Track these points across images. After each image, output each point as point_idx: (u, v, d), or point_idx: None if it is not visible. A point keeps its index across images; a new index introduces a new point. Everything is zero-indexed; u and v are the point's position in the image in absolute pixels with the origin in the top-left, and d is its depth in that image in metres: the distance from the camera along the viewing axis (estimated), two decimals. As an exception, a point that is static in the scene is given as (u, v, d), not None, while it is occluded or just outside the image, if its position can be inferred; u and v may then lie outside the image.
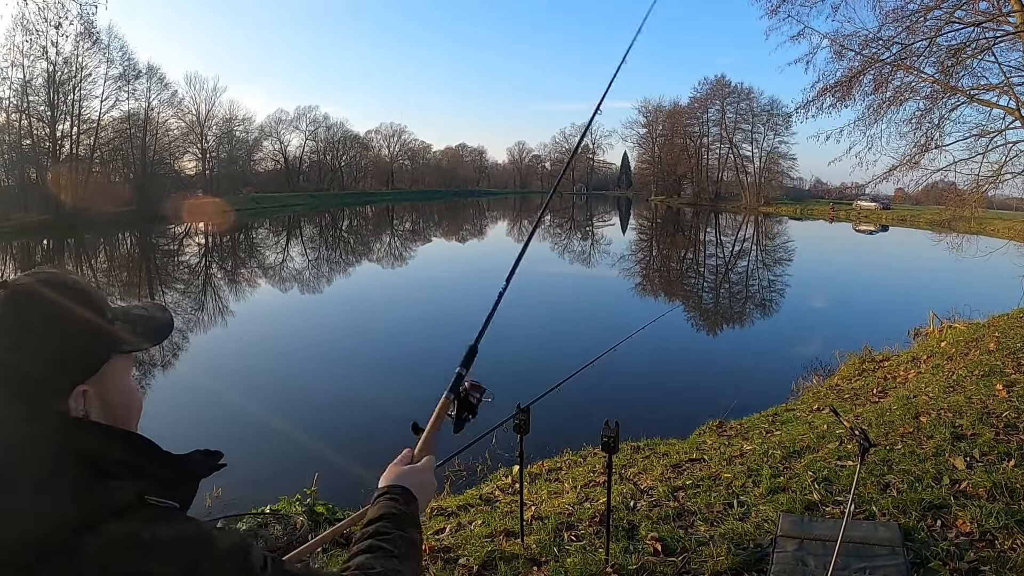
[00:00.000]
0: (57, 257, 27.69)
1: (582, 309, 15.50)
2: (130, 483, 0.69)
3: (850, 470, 3.90)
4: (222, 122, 62.97)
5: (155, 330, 0.87)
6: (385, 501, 1.05)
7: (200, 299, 17.40)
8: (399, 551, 0.94)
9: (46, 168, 38.68)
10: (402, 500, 1.06)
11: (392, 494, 1.07)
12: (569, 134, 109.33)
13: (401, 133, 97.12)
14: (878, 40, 11.14)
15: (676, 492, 3.91)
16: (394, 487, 1.08)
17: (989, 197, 13.53)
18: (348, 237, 39.63)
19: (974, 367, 6.48)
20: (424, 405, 4.73)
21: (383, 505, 1.04)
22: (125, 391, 0.81)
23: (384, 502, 1.05)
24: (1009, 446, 4.12)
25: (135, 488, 0.69)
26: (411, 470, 1.14)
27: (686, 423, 6.21)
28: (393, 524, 0.99)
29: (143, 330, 0.85)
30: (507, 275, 1.49)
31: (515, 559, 3.16)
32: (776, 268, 24.61)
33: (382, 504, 1.04)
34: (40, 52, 37.72)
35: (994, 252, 14.75)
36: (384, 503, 1.05)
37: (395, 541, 0.96)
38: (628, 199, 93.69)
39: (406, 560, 0.94)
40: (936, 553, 2.93)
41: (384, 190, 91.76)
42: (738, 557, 3.04)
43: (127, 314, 0.84)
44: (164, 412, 8.03)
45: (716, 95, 71.27)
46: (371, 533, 0.97)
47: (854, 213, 51.06)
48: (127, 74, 44.04)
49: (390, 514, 1.01)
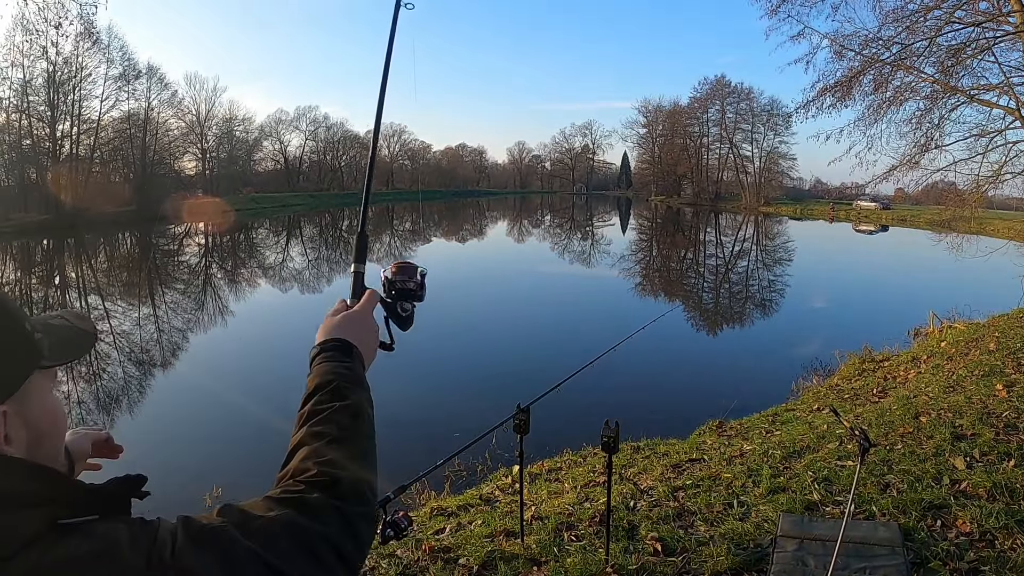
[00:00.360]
0: (57, 257, 27.69)
1: (582, 309, 15.50)
2: (41, 510, 0.63)
3: (850, 470, 3.90)
4: (222, 122, 63.04)
5: (78, 342, 0.79)
6: (319, 365, 0.91)
7: (200, 299, 17.39)
8: (340, 432, 0.81)
9: (46, 168, 38.67)
10: (339, 356, 0.92)
11: (326, 352, 0.92)
12: (569, 134, 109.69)
13: (401, 133, 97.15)
14: (878, 40, 11.15)
15: (676, 492, 3.91)
16: (327, 343, 0.94)
17: (989, 197, 13.52)
18: (348, 237, 39.63)
19: (974, 367, 6.48)
20: (424, 405, 4.82)
21: (316, 371, 0.89)
22: (49, 410, 0.74)
23: (318, 366, 0.90)
24: (1009, 446, 4.12)
25: (46, 515, 0.63)
26: (346, 317, 1.00)
27: (686, 423, 6.21)
28: (332, 395, 0.85)
29: (65, 343, 0.76)
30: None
31: (515, 559, 3.16)
32: (776, 268, 24.61)
33: (315, 370, 0.90)
34: (40, 52, 37.77)
35: (994, 252, 14.75)
36: (318, 367, 0.90)
37: (334, 420, 0.82)
38: (628, 199, 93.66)
39: (352, 441, 0.81)
40: (936, 553, 2.93)
41: (384, 190, 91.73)
42: (738, 557, 3.04)
43: (47, 326, 0.76)
44: (165, 412, 8.05)
45: (716, 95, 71.33)
46: (305, 417, 0.84)
47: (854, 213, 51.07)
48: (127, 74, 44.13)
49: (325, 383, 0.87)
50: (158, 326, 13.69)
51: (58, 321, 0.79)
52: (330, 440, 0.79)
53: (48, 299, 17.17)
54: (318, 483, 0.74)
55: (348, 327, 0.98)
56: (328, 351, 0.92)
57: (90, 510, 0.66)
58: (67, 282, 20.42)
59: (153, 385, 9.44)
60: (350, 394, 0.86)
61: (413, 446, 6.33)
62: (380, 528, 2.04)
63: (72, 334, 0.79)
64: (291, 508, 0.71)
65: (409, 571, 3.18)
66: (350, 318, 1.00)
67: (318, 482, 0.74)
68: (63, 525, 0.63)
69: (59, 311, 0.82)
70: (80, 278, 21.37)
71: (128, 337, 12.47)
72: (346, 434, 0.81)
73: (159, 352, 11.52)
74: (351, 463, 0.78)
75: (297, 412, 0.86)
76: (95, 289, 19.04)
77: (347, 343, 0.94)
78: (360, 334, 0.98)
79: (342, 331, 0.97)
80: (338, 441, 0.80)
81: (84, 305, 16.16)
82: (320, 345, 0.94)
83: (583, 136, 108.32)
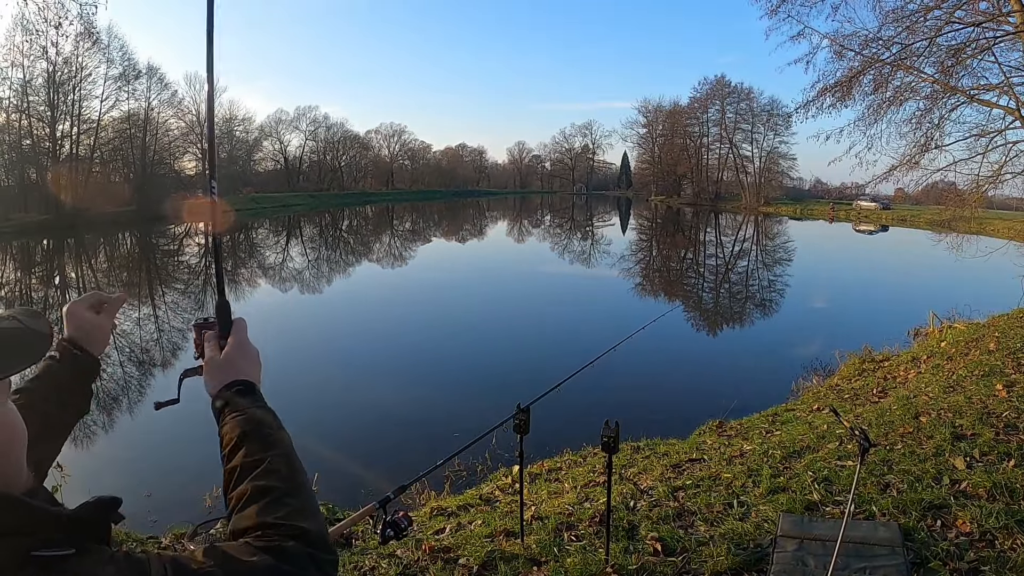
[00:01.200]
0: (57, 257, 27.70)
1: (582, 309, 15.50)
2: (10, 541, 0.61)
3: (850, 470, 3.90)
4: (222, 122, 62.96)
5: (28, 346, 0.72)
6: (232, 415, 0.87)
7: (200, 299, 17.39)
8: (286, 483, 0.79)
9: (46, 168, 38.69)
10: (249, 402, 0.89)
11: (234, 399, 0.89)
12: (569, 134, 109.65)
13: (401, 133, 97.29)
14: (878, 40, 11.15)
15: (676, 492, 3.91)
16: (231, 387, 0.90)
17: (989, 197, 13.52)
18: (348, 237, 39.65)
19: (974, 367, 6.48)
20: (424, 405, 4.82)
21: (233, 421, 0.86)
22: (6, 419, 0.70)
23: (232, 416, 0.86)
24: (1009, 446, 4.12)
25: (17, 546, 0.60)
26: (231, 356, 0.95)
27: (686, 423, 6.22)
28: (262, 444, 0.83)
29: (12, 349, 0.70)
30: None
31: (515, 559, 3.16)
32: (776, 268, 24.61)
33: (230, 420, 0.86)
34: (40, 52, 37.79)
35: (994, 252, 14.75)
36: (233, 418, 0.86)
37: (276, 471, 0.80)
38: (628, 199, 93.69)
39: (298, 490, 0.80)
40: (936, 553, 2.93)
41: (384, 190, 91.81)
42: (738, 557, 3.04)
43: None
44: (164, 412, 8.03)
45: (716, 95, 71.35)
46: (243, 471, 0.80)
47: (854, 213, 51.08)
48: (127, 74, 44.13)
49: (250, 431, 0.84)
50: (158, 326, 13.70)
51: (8, 323, 0.72)
52: (281, 493, 0.78)
53: (48, 299, 17.18)
54: (288, 535, 0.74)
55: (239, 365, 0.94)
56: (235, 398, 0.89)
57: (65, 541, 0.63)
58: (67, 282, 20.42)
59: (153, 385, 9.45)
60: (277, 439, 0.85)
61: (413, 446, 6.34)
62: (380, 528, 2.04)
63: (22, 337, 0.72)
64: (271, 555, 0.71)
65: (409, 571, 3.18)
66: (235, 355, 0.95)
67: (288, 534, 0.74)
68: (37, 558, 0.60)
69: (12, 311, 0.76)
70: (80, 278, 21.38)
71: (128, 337, 12.47)
72: (291, 484, 0.80)
73: (159, 352, 11.52)
74: (308, 514, 0.78)
75: (224, 464, 0.83)
76: (95, 289, 19.02)
77: (249, 383, 0.92)
78: (252, 368, 0.95)
79: (237, 371, 0.93)
80: (288, 493, 0.78)
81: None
82: (223, 392, 0.90)
83: (583, 136, 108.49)
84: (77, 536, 0.65)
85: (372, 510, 2.12)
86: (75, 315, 1.04)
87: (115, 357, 10.94)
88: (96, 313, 1.06)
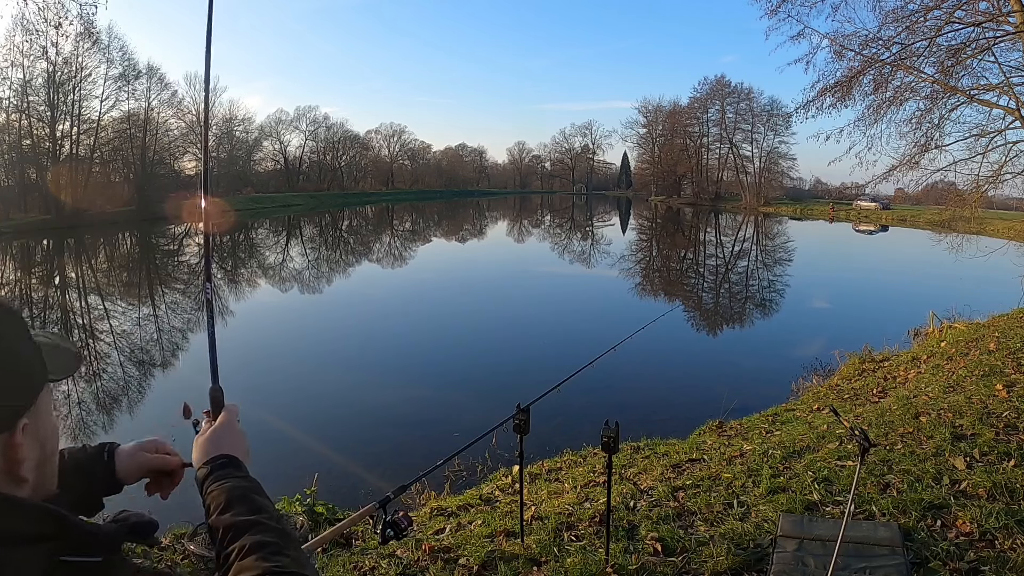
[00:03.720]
0: (57, 257, 27.69)
1: (582, 309, 15.50)
2: (40, 547, 0.64)
3: (850, 470, 3.90)
4: (222, 122, 63.07)
5: (69, 360, 0.80)
6: (218, 482, 0.89)
7: (200, 299, 17.39)
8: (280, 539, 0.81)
9: (46, 168, 38.66)
10: (233, 472, 0.91)
11: (219, 471, 0.91)
12: (569, 134, 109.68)
13: (401, 133, 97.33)
14: (878, 40, 11.17)
15: (676, 492, 3.91)
16: (216, 460, 0.93)
17: (989, 197, 13.53)
18: (348, 237, 39.65)
19: (974, 367, 6.48)
20: (424, 405, 4.82)
21: (218, 488, 0.88)
22: (53, 427, 0.75)
23: (218, 483, 0.89)
24: (1009, 446, 4.12)
25: (45, 552, 0.64)
26: (216, 434, 0.98)
27: (686, 423, 6.21)
28: (249, 507, 0.85)
29: (59, 359, 0.77)
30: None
31: (515, 559, 3.16)
32: (776, 268, 24.61)
33: (216, 488, 0.88)
34: (40, 52, 37.77)
35: (994, 252, 14.76)
36: (219, 485, 0.88)
37: (269, 529, 0.82)
38: (628, 199, 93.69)
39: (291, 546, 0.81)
40: (936, 553, 2.93)
41: (384, 190, 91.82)
42: (738, 557, 3.04)
43: (38, 341, 0.75)
44: (164, 412, 8.04)
45: (716, 95, 71.39)
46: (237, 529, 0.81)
47: (854, 213, 51.09)
48: (127, 74, 44.14)
49: (237, 496, 0.86)
50: (158, 326, 13.70)
51: (44, 339, 0.77)
52: (280, 547, 0.80)
53: (48, 299, 17.18)
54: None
55: (224, 442, 0.97)
56: (221, 468, 0.91)
57: (94, 550, 0.68)
58: (67, 282, 20.43)
59: (153, 385, 9.44)
60: (264, 504, 0.87)
61: (413, 446, 6.34)
62: (380, 528, 2.04)
63: (62, 352, 0.78)
64: None
65: (409, 571, 3.18)
66: (221, 433, 0.98)
67: None
68: (65, 563, 0.65)
69: (37, 331, 0.78)
70: (80, 278, 21.38)
71: (128, 337, 12.48)
72: (286, 541, 0.82)
73: (159, 352, 11.52)
74: (307, 567, 0.80)
75: (212, 527, 0.84)
76: (95, 289, 19.04)
77: (234, 458, 0.94)
78: (237, 446, 0.97)
79: (222, 446, 0.96)
80: (286, 547, 0.80)
81: (84, 305, 16.17)
82: (208, 464, 0.92)
83: (583, 136, 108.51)
84: (105, 546, 0.70)
85: (372, 510, 2.12)
86: (140, 465, 1.06)
87: (115, 357, 10.95)
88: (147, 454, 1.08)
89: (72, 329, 13.16)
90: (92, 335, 12.76)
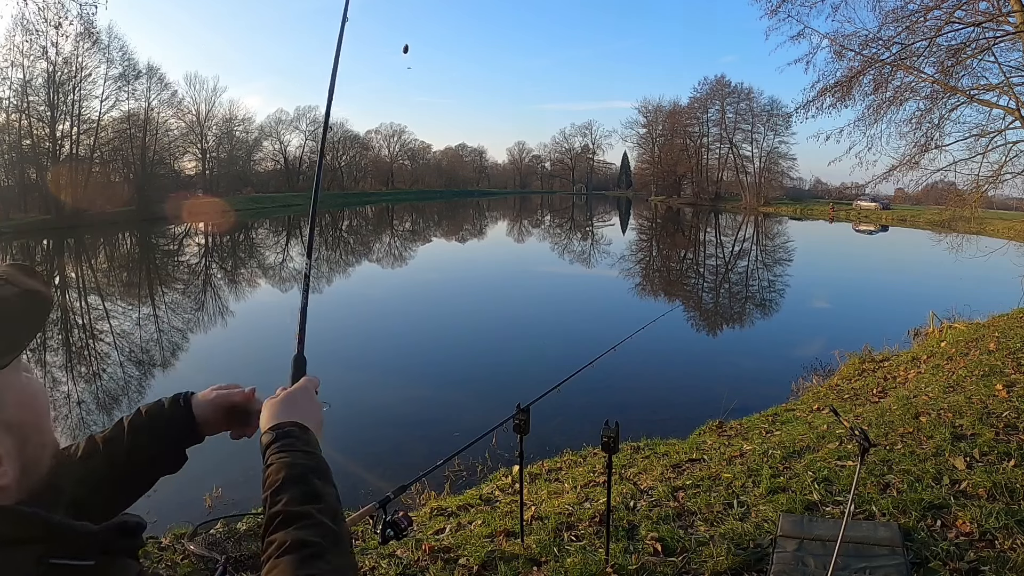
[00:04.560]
0: (57, 257, 27.69)
1: (582, 309, 15.50)
2: (26, 549, 0.60)
3: (850, 470, 3.90)
4: (222, 122, 63.10)
5: (31, 312, 0.65)
6: (279, 454, 0.82)
7: (200, 299, 17.40)
8: (328, 540, 0.74)
9: (46, 168, 38.67)
10: (298, 444, 0.84)
11: (283, 439, 0.84)
12: (569, 134, 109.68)
13: (401, 133, 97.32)
14: (878, 40, 11.18)
15: (676, 492, 3.91)
16: (282, 427, 0.86)
17: (989, 197, 13.54)
18: (348, 237, 39.64)
19: (974, 367, 6.48)
20: (424, 405, 4.82)
21: (279, 462, 0.81)
22: (26, 400, 0.66)
23: (279, 455, 0.82)
24: (1009, 446, 4.12)
25: (32, 554, 0.60)
26: (291, 398, 0.93)
27: (686, 423, 6.21)
28: (305, 493, 0.78)
29: (18, 319, 0.64)
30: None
31: (515, 559, 3.16)
32: (776, 268, 24.61)
33: (277, 460, 0.81)
34: (40, 52, 37.78)
35: (994, 252, 14.76)
36: (280, 458, 0.81)
37: (320, 524, 0.75)
38: (628, 199, 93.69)
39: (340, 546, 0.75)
40: (936, 553, 2.93)
41: (384, 190, 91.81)
42: (738, 557, 3.04)
43: None
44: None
45: (716, 95, 71.40)
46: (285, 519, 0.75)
47: (854, 213, 51.09)
48: (127, 74, 44.16)
49: (295, 476, 0.79)
50: (158, 326, 13.70)
51: (2, 289, 0.64)
52: (321, 550, 0.73)
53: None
54: None
55: (297, 408, 0.91)
56: (286, 437, 0.85)
57: (87, 552, 0.64)
58: (67, 282, 20.42)
59: (152, 385, 9.44)
60: (323, 492, 0.80)
61: (413, 446, 6.34)
62: (380, 528, 2.04)
63: (22, 304, 0.64)
64: None
65: (409, 571, 3.18)
66: (295, 397, 0.93)
67: None
68: (56, 565, 0.61)
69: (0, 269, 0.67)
70: (80, 278, 21.38)
71: (128, 337, 12.47)
72: (331, 541, 0.75)
73: (159, 352, 11.52)
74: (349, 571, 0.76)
75: (264, 504, 0.78)
76: (95, 289, 19.04)
77: (304, 427, 0.88)
78: (308, 413, 0.91)
79: (294, 412, 0.90)
80: (326, 551, 0.73)
81: (84, 305, 16.16)
82: (274, 430, 0.86)
83: (583, 136, 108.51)
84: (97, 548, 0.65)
85: (372, 510, 2.11)
86: (213, 402, 1.02)
87: (115, 357, 10.95)
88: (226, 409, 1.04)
89: (72, 329, 13.16)
90: (92, 335, 12.77)
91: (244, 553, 3.35)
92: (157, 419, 0.98)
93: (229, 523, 3.79)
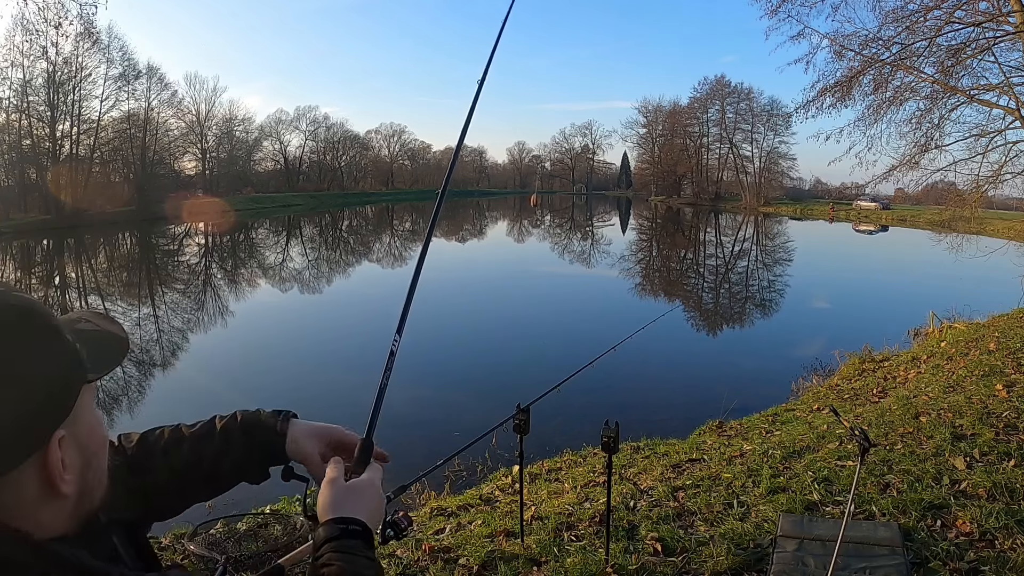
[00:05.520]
0: (57, 257, 27.69)
1: (582, 309, 15.50)
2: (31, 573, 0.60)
3: (850, 470, 3.90)
4: (222, 122, 63.11)
5: (112, 348, 0.71)
6: (341, 554, 0.78)
7: (200, 299, 17.40)
8: None
9: (46, 168, 38.67)
10: (361, 548, 0.80)
11: (348, 539, 0.80)
12: (569, 134, 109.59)
13: (401, 133, 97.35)
14: (878, 40, 11.19)
15: (676, 492, 3.91)
16: (351, 526, 0.82)
17: (989, 197, 13.54)
18: (348, 237, 39.65)
19: (974, 367, 6.48)
20: (424, 405, 4.82)
21: (339, 562, 0.77)
22: (95, 428, 0.68)
23: (340, 555, 0.78)
24: (1009, 446, 4.12)
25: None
26: (362, 492, 0.89)
27: (686, 423, 6.21)
28: None
29: (101, 350, 0.69)
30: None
31: (515, 559, 3.16)
32: (776, 268, 24.61)
33: (337, 561, 0.77)
34: (40, 52, 37.76)
35: (994, 252, 14.76)
36: (340, 558, 0.78)
37: None
38: (628, 199, 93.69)
39: None
40: (936, 553, 2.93)
41: (384, 190, 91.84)
42: (738, 557, 3.04)
43: (77, 333, 0.67)
44: (165, 412, 8.04)
45: (716, 95, 71.41)
46: None
47: (854, 213, 51.10)
48: (127, 74, 44.17)
49: None
50: (158, 326, 13.69)
51: (85, 325, 0.70)
52: None
53: (47, 299, 17.17)
54: None
55: (363, 504, 0.87)
56: (351, 538, 0.81)
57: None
58: (67, 282, 20.42)
59: (153, 385, 9.44)
60: None
61: (413, 446, 6.33)
62: (380, 528, 2.04)
63: (105, 339, 0.71)
64: None
65: (409, 571, 3.17)
66: (365, 491, 0.89)
67: None
68: None
69: (80, 312, 0.73)
70: (80, 278, 21.38)
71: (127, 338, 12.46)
72: None
73: (159, 351, 11.52)
74: None
75: None
76: (95, 289, 19.04)
77: (368, 530, 0.84)
78: (374, 515, 0.88)
79: (358, 507, 0.85)
80: None
81: (84, 305, 16.16)
82: (338, 524, 0.82)
83: (583, 136, 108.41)
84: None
85: (372, 510, 2.12)
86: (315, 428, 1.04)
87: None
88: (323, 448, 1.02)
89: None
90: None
91: (244, 553, 3.35)
92: (254, 428, 0.98)
93: (229, 523, 3.79)
